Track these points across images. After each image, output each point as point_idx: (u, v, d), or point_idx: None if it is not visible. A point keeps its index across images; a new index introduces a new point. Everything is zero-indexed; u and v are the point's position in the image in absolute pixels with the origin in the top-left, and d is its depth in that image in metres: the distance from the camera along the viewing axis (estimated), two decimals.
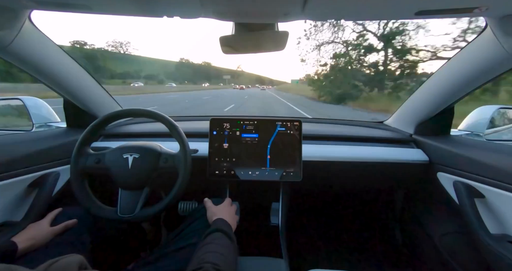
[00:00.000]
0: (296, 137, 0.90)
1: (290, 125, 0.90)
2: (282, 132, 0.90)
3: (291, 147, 0.90)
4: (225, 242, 0.58)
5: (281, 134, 0.90)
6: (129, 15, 0.63)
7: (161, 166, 0.76)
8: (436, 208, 1.01)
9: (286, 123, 0.90)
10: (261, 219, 0.94)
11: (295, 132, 0.90)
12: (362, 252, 1.26)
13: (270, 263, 0.71)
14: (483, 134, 1.09)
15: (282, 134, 0.90)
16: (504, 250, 0.65)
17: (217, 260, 0.49)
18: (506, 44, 0.63)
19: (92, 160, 0.75)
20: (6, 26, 0.63)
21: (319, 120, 1.43)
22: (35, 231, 0.65)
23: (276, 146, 0.90)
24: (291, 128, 0.90)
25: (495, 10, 0.56)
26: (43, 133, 1.01)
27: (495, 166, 0.71)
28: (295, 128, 0.90)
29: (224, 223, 0.65)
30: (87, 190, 0.74)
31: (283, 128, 0.90)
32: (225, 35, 0.66)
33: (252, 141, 0.90)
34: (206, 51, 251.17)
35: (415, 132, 1.07)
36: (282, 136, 0.90)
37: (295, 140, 0.90)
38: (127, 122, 1.24)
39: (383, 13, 0.59)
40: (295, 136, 0.90)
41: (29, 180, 0.78)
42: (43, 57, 0.79)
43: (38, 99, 1.23)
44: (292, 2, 0.51)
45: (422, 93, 1.00)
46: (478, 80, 0.79)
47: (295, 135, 0.90)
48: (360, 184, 1.18)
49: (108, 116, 0.79)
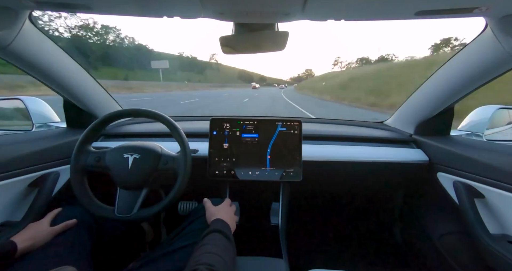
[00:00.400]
0: (296, 137, 0.90)
1: (290, 125, 0.90)
2: (282, 132, 0.90)
3: (291, 147, 0.90)
4: (223, 243, 0.57)
5: (281, 134, 0.90)
6: (129, 15, 0.63)
7: (161, 167, 0.76)
8: (436, 208, 1.01)
9: (286, 123, 0.90)
10: (261, 219, 0.94)
11: (295, 132, 0.90)
12: (362, 252, 1.26)
13: (270, 263, 0.72)
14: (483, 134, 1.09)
15: (282, 134, 0.90)
16: (504, 250, 0.65)
17: (212, 261, 0.48)
18: (506, 44, 0.63)
19: (93, 158, 0.75)
20: (6, 26, 0.63)
21: (319, 120, 1.43)
22: (34, 231, 0.65)
23: (276, 146, 0.90)
24: (291, 128, 0.90)
25: (495, 10, 0.56)
26: (43, 133, 1.01)
27: (495, 166, 0.71)
28: (295, 128, 0.90)
29: (223, 224, 0.65)
30: (86, 188, 0.74)
31: (283, 128, 0.90)
32: (225, 35, 0.66)
33: (252, 141, 0.90)
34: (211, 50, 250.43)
35: (415, 132, 1.07)
36: (282, 136, 0.90)
37: (295, 140, 0.90)
38: (127, 122, 1.24)
39: (383, 13, 0.59)
40: (295, 136, 0.90)
41: (29, 180, 0.78)
42: (43, 57, 0.79)
43: (38, 99, 1.23)
44: (292, 2, 0.51)
45: (422, 93, 1.00)
46: (478, 80, 0.79)
47: (295, 135, 0.90)
48: (360, 184, 1.19)
49: (109, 116, 0.79)
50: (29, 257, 0.59)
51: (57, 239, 0.65)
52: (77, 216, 0.72)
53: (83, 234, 0.70)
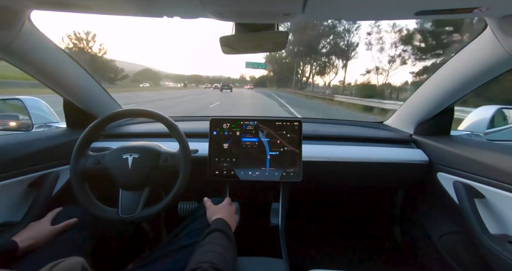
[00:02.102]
0: (296, 137, 0.90)
1: (290, 125, 0.90)
2: (282, 132, 0.90)
3: (291, 147, 0.89)
4: (224, 242, 0.58)
5: (281, 134, 0.90)
6: (129, 15, 0.63)
7: (161, 165, 0.76)
8: (436, 208, 1.01)
9: (286, 123, 0.90)
10: (261, 219, 0.94)
11: (295, 132, 0.90)
12: (362, 252, 1.26)
13: (270, 263, 0.71)
14: (483, 134, 1.09)
15: (282, 134, 0.90)
16: (504, 250, 0.65)
17: (215, 260, 0.49)
18: (506, 44, 0.63)
19: (92, 162, 0.75)
20: (6, 26, 0.63)
21: (319, 120, 1.44)
22: (35, 230, 0.65)
23: (276, 146, 0.90)
24: (291, 128, 0.90)
25: (495, 10, 0.56)
26: (43, 133, 1.01)
27: (495, 166, 0.71)
28: (295, 128, 0.90)
29: (223, 223, 0.65)
30: (87, 191, 0.74)
31: (283, 128, 0.90)
32: (225, 35, 0.66)
33: (252, 141, 0.90)
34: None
35: (415, 132, 1.07)
36: (282, 136, 0.90)
37: (295, 140, 0.90)
38: (127, 122, 1.24)
39: (383, 13, 0.59)
40: (295, 136, 0.90)
41: (29, 180, 0.78)
42: (43, 57, 0.79)
43: (38, 99, 1.23)
44: (292, 2, 0.51)
45: (422, 93, 1.00)
46: (478, 80, 0.79)
47: (295, 135, 0.90)
48: (360, 184, 1.19)
49: (108, 116, 0.79)
50: (30, 256, 0.59)
51: (57, 239, 0.65)
52: (77, 215, 0.72)
53: (83, 234, 0.70)
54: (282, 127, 0.90)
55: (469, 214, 0.74)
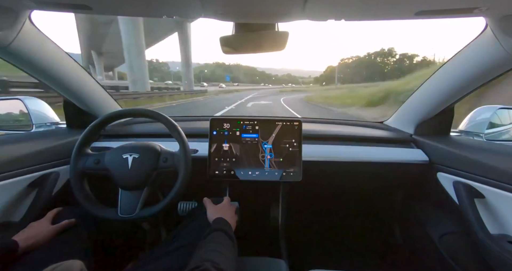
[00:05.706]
0: (296, 137, 0.90)
1: (290, 125, 0.90)
2: (282, 132, 0.90)
3: (291, 147, 0.90)
4: (225, 241, 0.58)
5: (281, 134, 0.90)
6: (129, 15, 0.63)
7: (161, 165, 0.76)
8: (436, 208, 1.01)
9: (286, 123, 0.90)
10: (261, 219, 0.94)
11: (295, 132, 0.90)
12: (362, 252, 1.26)
13: (270, 263, 0.72)
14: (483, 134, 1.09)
15: (282, 134, 0.90)
16: (504, 250, 0.65)
17: (217, 259, 0.49)
18: (506, 44, 0.63)
19: (92, 161, 0.75)
20: (6, 26, 0.63)
21: (319, 120, 1.43)
22: (36, 229, 0.65)
23: (276, 146, 0.90)
24: (291, 128, 0.90)
25: (495, 10, 0.56)
26: (43, 133, 1.01)
27: (495, 166, 0.71)
28: (295, 128, 0.90)
29: (224, 223, 0.65)
30: (87, 191, 0.74)
31: (283, 128, 0.90)
32: (225, 35, 0.66)
33: (252, 141, 0.90)
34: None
35: (415, 132, 1.07)
36: (282, 136, 0.90)
37: (295, 140, 0.90)
38: (127, 122, 1.24)
39: (383, 13, 0.59)
40: (295, 136, 0.90)
41: (29, 180, 0.78)
42: (43, 57, 0.79)
43: (38, 99, 1.23)
44: (292, 2, 0.51)
45: (422, 93, 1.00)
46: (478, 80, 0.79)
47: (295, 135, 0.90)
48: (360, 184, 1.19)
49: (108, 116, 0.79)
50: (30, 255, 0.59)
51: (57, 238, 0.65)
52: (77, 215, 0.72)
53: (83, 234, 0.70)
54: (282, 127, 0.90)
55: (469, 214, 0.74)
